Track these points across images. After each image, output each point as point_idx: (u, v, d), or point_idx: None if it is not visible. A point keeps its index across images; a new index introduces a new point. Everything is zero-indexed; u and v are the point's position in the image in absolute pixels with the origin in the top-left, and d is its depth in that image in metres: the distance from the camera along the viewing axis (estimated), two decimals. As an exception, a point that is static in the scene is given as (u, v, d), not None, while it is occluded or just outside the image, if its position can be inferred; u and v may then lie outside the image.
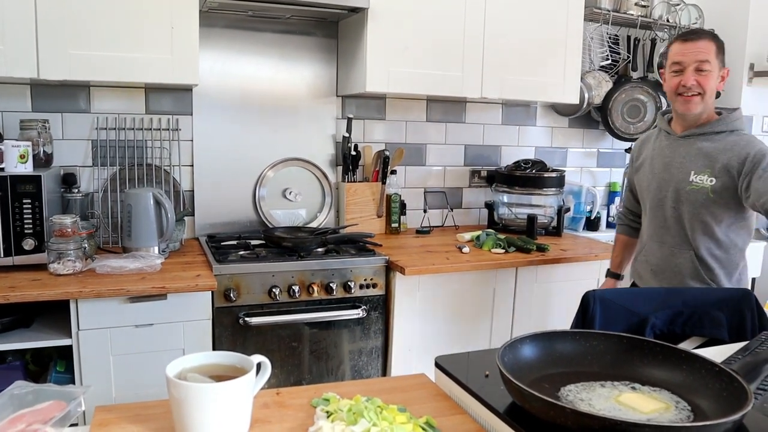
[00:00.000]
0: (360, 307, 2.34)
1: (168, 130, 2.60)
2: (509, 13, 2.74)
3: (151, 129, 2.58)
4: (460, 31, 2.67)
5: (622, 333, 1.13)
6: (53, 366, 2.11)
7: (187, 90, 2.61)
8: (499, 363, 0.94)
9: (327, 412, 0.95)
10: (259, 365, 0.95)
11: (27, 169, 2.09)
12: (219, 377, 0.90)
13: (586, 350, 1.10)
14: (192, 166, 2.66)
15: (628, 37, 3.36)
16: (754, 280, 3.19)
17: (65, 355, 2.04)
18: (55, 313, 2.04)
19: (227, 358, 0.94)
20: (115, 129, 2.52)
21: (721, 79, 1.97)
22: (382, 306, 2.39)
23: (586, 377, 1.05)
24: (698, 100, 1.92)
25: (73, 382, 1.99)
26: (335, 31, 2.83)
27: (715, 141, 1.96)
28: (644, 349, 1.09)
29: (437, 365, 1.12)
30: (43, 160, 2.30)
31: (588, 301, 1.67)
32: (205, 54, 2.59)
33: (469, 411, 1.01)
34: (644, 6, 3.24)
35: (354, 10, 2.53)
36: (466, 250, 2.60)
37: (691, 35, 1.96)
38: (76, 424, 0.97)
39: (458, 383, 1.04)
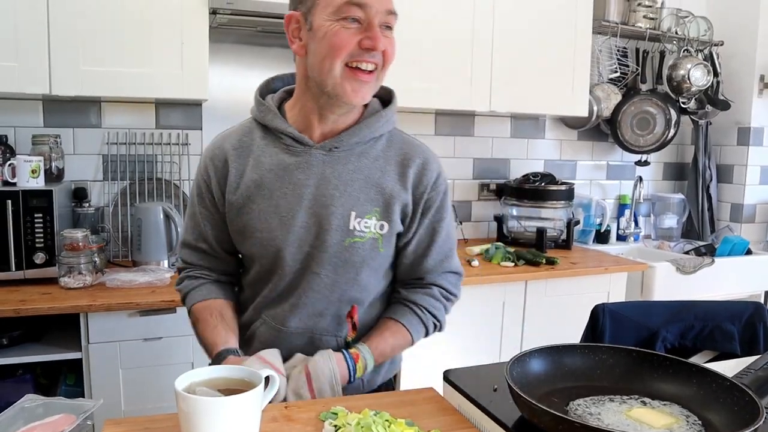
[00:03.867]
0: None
1: (178, 144, 2.62)
2: (517, 27, 2.75)
3: (161, 143, 2.60)
4: (468, 45, 2.68)
5: (632, 347, 1.12)
6: (63, 379, 2.12)
7: (196, 105, 2.63)
8: (507, 377, 0.93)
9: (335, 426, 0.94)
10: (267, 379, 0.95)
11: (39, 183, 2.10)
12: (228, 391, 0.90)
13: (596, 364, 1.09)
14: (202, 180, 2.67)
15: (637, 50, 3.36)
16: (766, 293, 3.16)
17: (75, 368, 2.04)
18: (66, 327, 2.05)
19: (236, 372, 0.94)
20: (125, 144, 2.54)
21: None
22: (391, 319, 2.38)
23: (596, 391, 1.04)
24: (373, 81, 1.17)
25: (83, 395, 2.00)
26: (344, 46, 2.84)
27: (374, 155, 1.23)
28: (654, 363, 1.08)
29: (445, 379, 1.11)
30: (54, 175, 2.32)
31: (597, 314, 1.66)
32: (215, 69, 2.61)
33: (478, 425, 1.00)
34: (653, 18, 3.24)
35: (362, 25, 2.55)
36: (475, 263, 2.60)
37: None
38: (85, 438, 0.97)
39: (466, 397, 1.04)
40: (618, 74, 3.27)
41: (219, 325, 1.25)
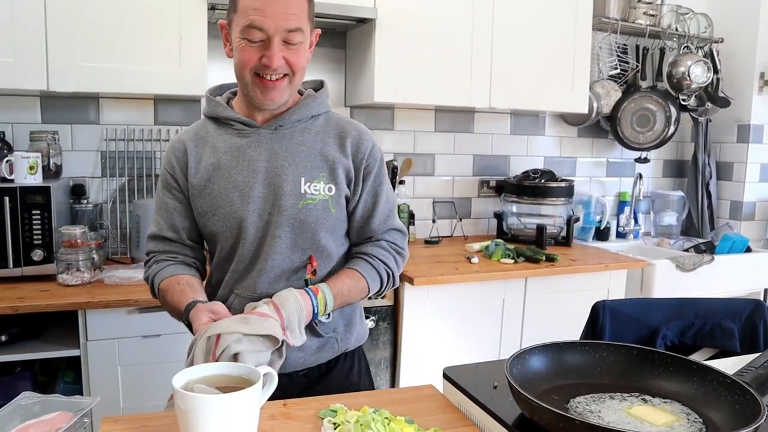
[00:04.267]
0: (369, 317, 2.33)
1: (177, 141, 2.61)
2: (517, 24, 2.74)
3: (159, 140, 2.59)
4: (468, 42, 2.67)
5: (633, 344, 1.12)
6: (61, 376, 2.12)
7: (195, 101, 2.62)
8: (507, 374, 0.93)
9: (334, 423, 0.94)
10: (266, 376, 0.95)
11: (36, 180, 2.10)
12: (226, 388, 0.90)
13: (596, 361, 1.09)
14: (200, 176, 2.66)
15: (637, 47, 3.35)
16: (766, 290, 3.15)
17: (73, 365, 2.04)
18: (65, 324, 2.04)
19: (234, 369, 0.94)
20: (123, 140, 2.53)
21: (311, 44, 1.36)
22: (391, 316, 2.38)
23: (596, 389, 1.04)
24: (285, 84, 1.31)
25: (82, 393, 1.99)
26: (344, 42, 2.84)
27: (315, 130, 1.40)
28: (655, 361, 1.07)
29: (445, 376, 1.11)
30: (52, 172, 2.31)
31: (598, 311, 1.65)
32: (215, 65, 2.58)
33: (478, 423, 1.00)
34: (653, 15, 3.23)
35: (362, 21, 2.54)
36: (475, 260, 2.59)
37: None
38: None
39: (466, 394, 1.03)
40: (618, 71, 3.26)
41: (186, 289, 1.32)
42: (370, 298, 1.44)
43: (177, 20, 2.21)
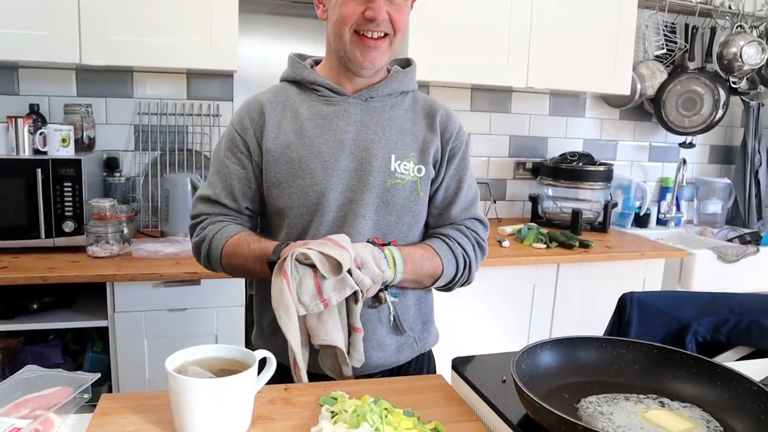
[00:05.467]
0: (393, 299, 2.30)
1: (209, 115, 2.61)
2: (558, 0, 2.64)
3: (192, 114, 2.59)
4: (506, 17, 2.58)
5: (661, 339, 1.06)
6: (91, 346, 2.16)
7: (228, 76, 2.61)
8: (513, 370, 0.89)
9: (332, 412, 0.92)
10: (264, 361, 0.93)
11: (68, 152, 2.12)
12: (221, 372, 0.88)
13: (613, 359, 1.03)
14: (232, 152, 2.66)
15: (686, 25, 3.19)
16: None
17: (103, 335, 2.07)
18: (97, 294, 2.07)
19: (230, 351, 0.92)
20: (156, 114, 2.54)
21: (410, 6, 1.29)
22: (416, 299, 2.35)
23: (611, 388, 0.98)
24: (385, 46, 1.23)
25: (109, 363, 2.03)
26: (378, 18, 2.78)
27: (404, 107, 1.32)
28: (677, 361, 1.01)
29: (453, 367, 1.07)
30: (85, 144, 2.34)
31: (625, 303, 1.58)
32: (247, 40, 2.58)
33: (483, 418, 0.96)
34: (705, -8, 3.07)
35: (396, -4, 2.48)
36: (506, 243, 2.53)
37: None
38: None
39: (473, 387, 0.99)
40: (664, 51, 3.12)
41: (263, 239, 1.22)
42: (440, 288, 1.33)
43: (208, -6, 2.19)
